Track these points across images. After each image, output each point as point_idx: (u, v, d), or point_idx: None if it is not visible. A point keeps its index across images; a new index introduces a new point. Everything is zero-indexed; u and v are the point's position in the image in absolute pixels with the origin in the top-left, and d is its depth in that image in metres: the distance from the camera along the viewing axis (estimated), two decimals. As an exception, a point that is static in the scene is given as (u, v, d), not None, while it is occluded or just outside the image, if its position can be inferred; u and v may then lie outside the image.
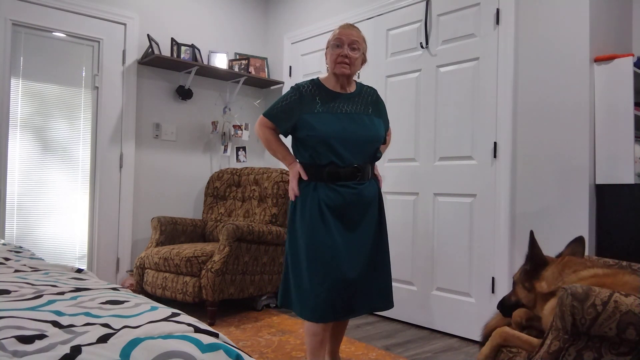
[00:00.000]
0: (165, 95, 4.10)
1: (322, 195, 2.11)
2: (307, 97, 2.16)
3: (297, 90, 2.18)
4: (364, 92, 2.28)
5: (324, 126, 2.10)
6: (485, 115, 2.92)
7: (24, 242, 3.45)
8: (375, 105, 2.27)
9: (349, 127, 2.13)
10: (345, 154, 2.12)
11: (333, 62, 2.16)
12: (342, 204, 2.12)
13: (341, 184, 2.12)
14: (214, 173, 4.18)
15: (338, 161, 2.11)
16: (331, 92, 2.19)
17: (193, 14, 4.26)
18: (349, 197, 2.13)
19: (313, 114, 2.12)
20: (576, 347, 1.23)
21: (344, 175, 2.12)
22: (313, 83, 2.20)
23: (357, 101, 2.22)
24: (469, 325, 2.93)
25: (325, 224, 2.09)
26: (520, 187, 2.77)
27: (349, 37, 2.13)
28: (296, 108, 2.14)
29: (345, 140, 2.11)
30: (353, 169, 2.13)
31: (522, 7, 2.78)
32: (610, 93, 2.51)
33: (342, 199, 2.12)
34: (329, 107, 2.15)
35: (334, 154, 2.11)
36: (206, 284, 3.13)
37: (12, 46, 3.43)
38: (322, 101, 2.15)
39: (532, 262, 1.63)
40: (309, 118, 2.11)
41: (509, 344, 1.52)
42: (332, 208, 2.10)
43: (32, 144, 3.52)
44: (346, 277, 2.05)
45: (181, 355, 0.78)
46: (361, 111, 2.20)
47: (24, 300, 1.08)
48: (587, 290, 1.22)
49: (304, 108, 2.14)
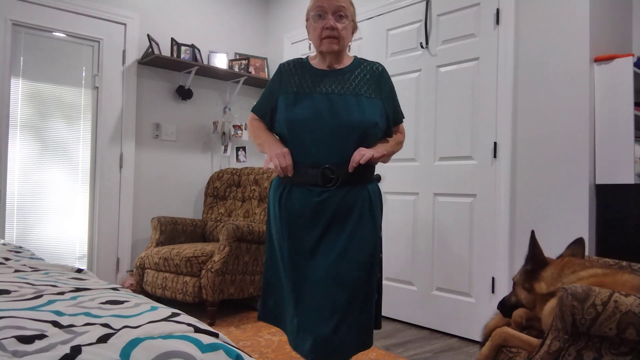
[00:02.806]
0: (165, 95, 4.10)
1: (286, 199, 1.72)
2: (286, 77, 1.78)
3: (278, 71, 1.82)
4: (361, 69, 1.78)
5: (290, 109, 1.69)
6: (485, 115, 2.92)
7: (24, 242, 3.45)
8: (375, 84, 1.76)
9: (324, 110, 1.65)
10: (314, 148, 1.65)
11: (317, 38, 1.74)
12: (296, 214, 1.69)
13: (301, 187, 1.68)
14: (214, 173, 4.18)
15: (305, 158, 1.66)
16: (315, 71, 1.77)
17: (193, 14, 4.26)
18: (307, 205, 1.68)
19: (286, 96, 1.73)
20: (576, 347, 1.23)
21: (311, 178, 1.65)
22: (297, 61, 1.82)
23: (347, 79, 1.74)
24: (469, 325, 2.93)
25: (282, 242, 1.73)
26: (520, 187, 2.77)
27: (332, 4, 1.69)
28: (275, 91, 1.79)
29: (315, 127, 1.64)
30: (325, 169, 1.64)
31: (522, 7, 2.78)
32: (610, 93, 2.51)
33: (296, 206, 1.69)
34: (307, 87, 1.73)
35: (298, 147, 1.67)
36: (206, 284, 3.13)
37: (12, 46, 3.43)
38: (300, 80, 1.75)
39: (533, 262, 1.62)
40: (282, 101, 1.74)
41: (509, 344, 1.52)
42: (295, 214, 1.71)
43: (32, 144, 3.52)
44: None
45: (181, 355, 0.78)
46: (349, 91, 1.71)
47: (24, 300, 1.08)
48: (587, 290, 1.22)
49: (281, 90, 1.76)
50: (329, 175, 1.64)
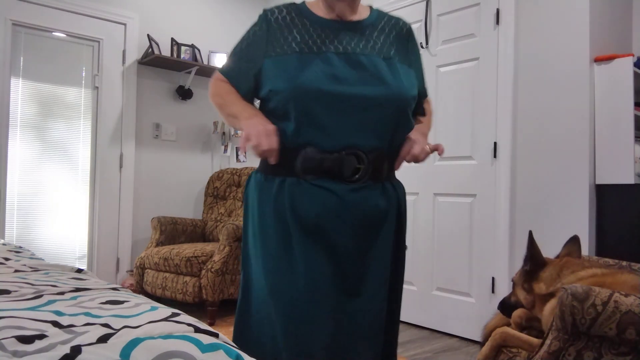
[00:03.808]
0: (165, 95, 4.10)
1: (292, 200, 1.20)
2: (278, 30, 1.26)
3: (263, 19, 1.29)
4: (384, 23, 1.33)
5: (297, 75, 1.18)
6: (485, 115, 2.92)
7: (24, 242, 3.45)
8: (402, 47, 1.33)
9: (346, 77, 1.19)
10: (335, 125, 1.18)
11: None
12: (323, 216, 1.18)
13: (323, 183, 1.19)
14: (214, 173, 4.18)
15: (320, 139, 1.18)
16: (323, 22, 1.27)
17: (193, 14, 4.26)
18: (335, 206, 1.18)
19: (282, 57, 1.22)
20: (576, 347, 1.23)
21: (329, 165, 1.17)
22: (291, 7, 1.29)
23: (369, 35, 1.27)
24: (469, 325, 2.93)
25: (290, 255, 1.19)
26: (520, 187, 2.77)
27: None
28: (259, 49, 1.26)
29: (337, 100, 1.17)
30: (349, 155, 1.18)
31: (522, 7, 2.78)
32: (610, 93, 2.51)
33: (321, 207, 1.18)
34: (314, 43, 1.23)
35: (313, 126, 1.18)
36: (206, 284, 3.13)
37: (12, 46, 3.43)
38: (302, 34, 1.24)
39: (531, 263, 1.62)
40: (275, 63, 1.23)
41: (509, 344, 1.52)
42: (305, 223, 1.18)
43: (32, 144, 3.52)
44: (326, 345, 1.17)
45: (181, 355, 0.78)
46: (375, 51, 1.25)
47: (24, 300, 1.08)
48: (587, 290, 1.22)
49: (270, 47, 1.25)
50: (354, 165, 1.18)
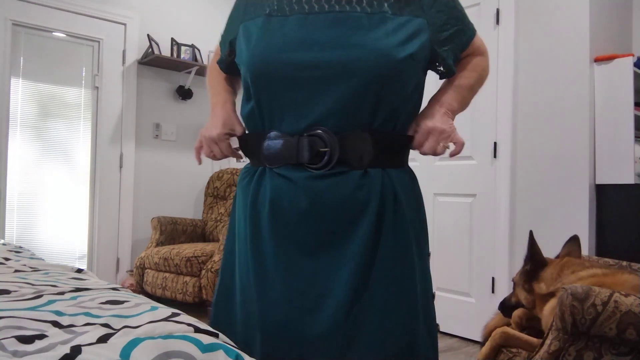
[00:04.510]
0: (165, 95, 4.10)
1: (255, 192, 1.04)
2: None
3: None
4: None
5: (258, 43, 1.00)
6: (485, 115, 2.92)
7: (24, 242, 3.45)
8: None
9: (316, 41, 0.96)
10: (297, 103, 0.97)
11: None
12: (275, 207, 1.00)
13: (283, 171, 1.00)
14: (214, 173, 4.18)
15: (281, 121, 1.00)
16: None
17: (193, 14, 4.26)
18: (288, 196, 0.99)
19: (251, 22, 1.06)
20: (576, 347, 1.23)
21: (285, 151, 0.98)
22: None
23: None
24: (469, 325, 2.93)
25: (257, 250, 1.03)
26: (520, 187, 2.77)
27: None
28: (238, 14, 1.13)
29: (298, 70, 0.95)
30: (310, 137, 0.96)
31: (522, 7, 2.78)
32: (610, 93, 2.51)
33: (274, 197, 1.00)
34: (287, 3, 1.01)
35: (274, 105, 1.00)
36: (206, 284, 3.13)
37: (12, 46, 3.43)
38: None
39: (532, 262, 1.63)
40: (244, 30, 1.07)
41: (509, 344, 1.52)
42: (262, 216, 1.02)
43: (33, 143, 3.52)
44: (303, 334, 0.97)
45: (181, 355, 0.78)
46: (364, 3, 0.98)
47: (24, 300, 1.08)
48: (587, 290, 1.22)
49: (246, 12, 1.09)
50: (317, 148, 0.96)
